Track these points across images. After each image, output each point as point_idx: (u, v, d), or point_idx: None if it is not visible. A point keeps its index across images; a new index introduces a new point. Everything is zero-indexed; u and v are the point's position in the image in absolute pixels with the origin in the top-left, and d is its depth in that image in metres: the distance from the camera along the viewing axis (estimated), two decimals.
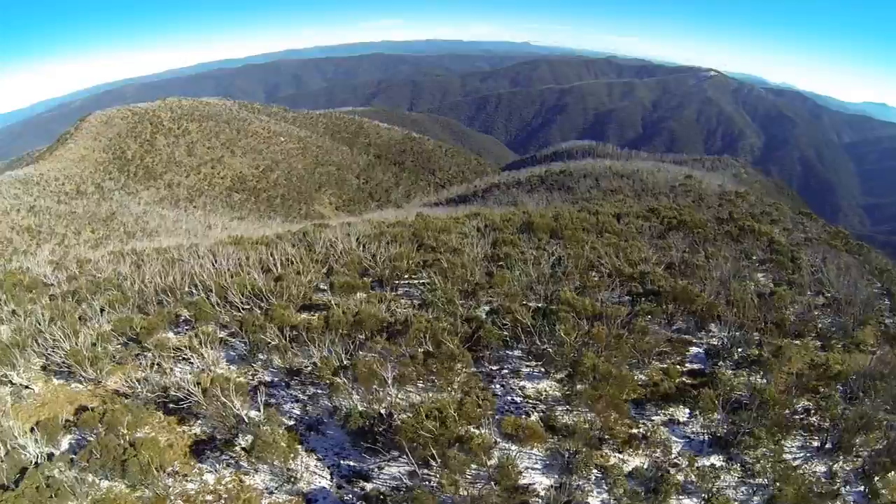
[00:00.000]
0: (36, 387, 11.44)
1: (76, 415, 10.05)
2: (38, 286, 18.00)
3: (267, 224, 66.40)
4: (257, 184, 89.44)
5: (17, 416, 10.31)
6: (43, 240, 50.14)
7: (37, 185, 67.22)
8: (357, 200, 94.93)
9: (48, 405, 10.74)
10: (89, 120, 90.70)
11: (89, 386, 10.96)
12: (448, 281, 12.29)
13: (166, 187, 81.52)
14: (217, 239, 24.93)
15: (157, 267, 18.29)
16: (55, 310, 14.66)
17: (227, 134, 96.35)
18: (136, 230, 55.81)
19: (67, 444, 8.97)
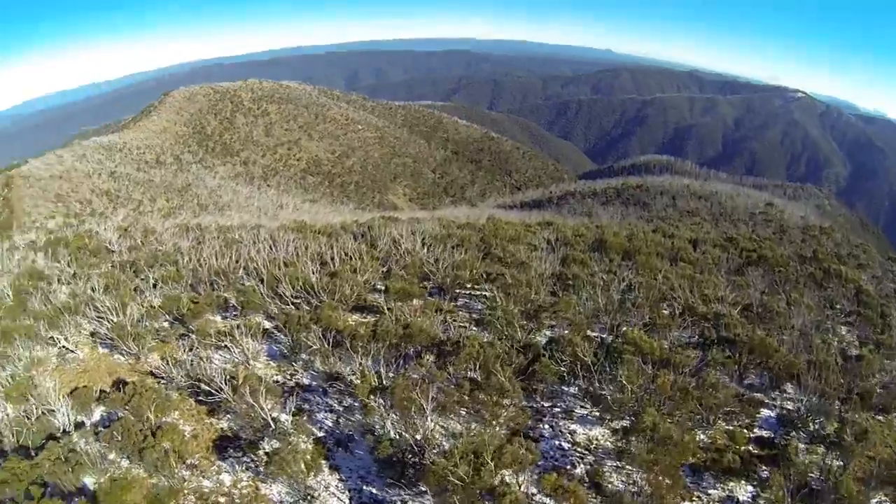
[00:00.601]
0: (81, 352, 12.64)
1: (113, 387, 11.01)
2: (102, 252, 20.02)
3: (338, 209, 71.06)
4: (332, 168, 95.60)
5: (58, 379, 11.50)
6: (120, 204, 55.93)
7: (119, 152, 75.17)
8: (431, 194, 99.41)
9: (89, 373, 11.82)
10: (173, 95, 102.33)
11: (130, 360, 11.93)
12: (511, 298, 12.25)
13: (242, 164, 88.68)
14: (281, 223, 26.35)
15: (216, 247, 19.68)
16: (111, 279, 16.19)
17: (305, 118, 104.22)
18: (208, 203, 61.04)
19: (99, 415, 9.80)
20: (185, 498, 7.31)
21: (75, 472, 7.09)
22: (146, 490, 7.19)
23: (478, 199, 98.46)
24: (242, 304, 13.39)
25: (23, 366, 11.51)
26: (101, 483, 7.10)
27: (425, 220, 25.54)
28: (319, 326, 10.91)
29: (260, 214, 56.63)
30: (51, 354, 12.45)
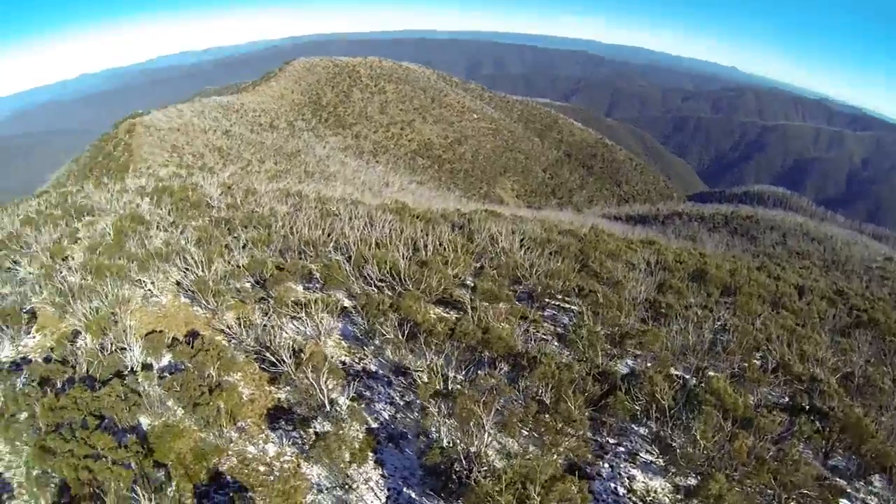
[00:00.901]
0: (164, 298, 13.61)
1: (186, 337, 11.73)
2: (202, 206, 21.49)
3: (444, 195, 73.54)
4: (443, 154, 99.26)
5: (137, 319, 12.42)
6: (230, 161, 60.54)
7: (236, 112, 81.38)
8: (539, 193, 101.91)
9: (167, 319, 12.68)
10: (293, 64, 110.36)
11: (207, 314, 12.66)
12: (598, 318, 11.92)
13: (353, 138, 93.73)
14: (382, 201, 27.04)
15: (312, 216, 20.52)
16: (204, 232, 17.34)
17: (421, 100, 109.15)
18: (315, 171, 64.95)
19: (167, 361, 10.46)
20: (227, 458, 7.58)
21: (132, 412, 7.55)
22: (194, 442, 7.51)
23: (584, 204, 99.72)
24: (325, 279, 13.80)
25: (108, 302, 12.54)
26: (155, 426, 7.50)
27: (528, 219, 25.43)
28: (398, 315, 10.97)
29: (364, 189, 59.35)
30: (136, 295, 13.51)
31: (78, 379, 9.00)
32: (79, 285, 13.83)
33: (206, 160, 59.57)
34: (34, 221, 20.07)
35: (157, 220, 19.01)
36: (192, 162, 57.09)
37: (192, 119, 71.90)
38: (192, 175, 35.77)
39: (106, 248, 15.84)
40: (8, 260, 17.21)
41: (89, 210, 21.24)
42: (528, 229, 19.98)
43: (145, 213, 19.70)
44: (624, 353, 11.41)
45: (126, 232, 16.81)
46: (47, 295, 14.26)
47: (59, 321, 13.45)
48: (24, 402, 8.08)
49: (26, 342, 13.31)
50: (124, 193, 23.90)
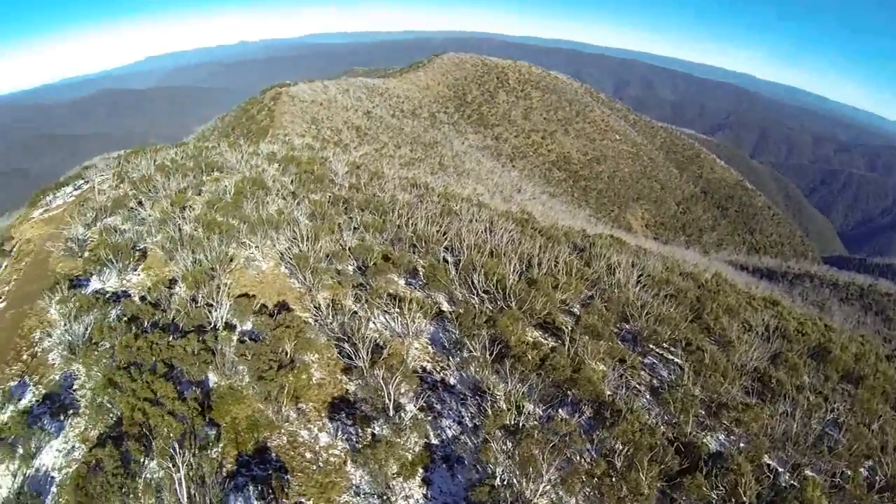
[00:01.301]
0: (265, 265, 14.59)
1: (275, 307, 12.48)
2: (325, 181, 22.72)
3: (573, 212, 73.69)
4: (580, 170, 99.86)
5: (233, 280, 13.40)
6: (366, 142, 63.83)
7: (380, 95, 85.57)
8: (668, 227, 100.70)
9: (262, 285, 13.56)
10: (443, 57, 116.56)
11: (302, 289, 13.38)
12: (699, 380, 11.27)
13: (493, 139, 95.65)
14: (506, 209, 27.14)
15: (432, 211, 21.04)
16: (319, 208, 18.37)
17: (565, 112, 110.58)
18: (450, 165, 66.98)
19: (250, 326, 11.21)
20: (279, 435, 7.94)
21: (201, 368, 8.12)
22: (252, 411, 7.93)
23: (712, 246, 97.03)
24: (429, 278, 14.08)
25: (210, 258, 13.63)
26: (221, 386, 8.01)
27: (651, 253, 24.52)
28: (492, 332, 10.93)
29: (495, 192, 60.24)
30: (240, 255, 14.58)
31: (162, 324, 9.81)
32: (189, 236, 15.22)
33: (342, 137, 63.15)
34: (167, 169, 22.30)
35: (279, 187, 20.31)
36: (328, 136, 60.69)
37: (336, 95, 76.43)
38: (325, 149, 38.09)
39: (223, 206, 17.28)
40: (135, 200, 19.31)
41: (219, 167, 23.21)
42: (649, 265, 19.26)
43: (268, 179, 21.16)
44: (717, 426, 10.59)
45: (245, 194, 18.16)
46: (160, 238, 15.83)
47: (164, 265, 14.85)
48: (109, 334, 8.93)
49: (131, 277, 14.85)
50: (255, 156, 25.86)
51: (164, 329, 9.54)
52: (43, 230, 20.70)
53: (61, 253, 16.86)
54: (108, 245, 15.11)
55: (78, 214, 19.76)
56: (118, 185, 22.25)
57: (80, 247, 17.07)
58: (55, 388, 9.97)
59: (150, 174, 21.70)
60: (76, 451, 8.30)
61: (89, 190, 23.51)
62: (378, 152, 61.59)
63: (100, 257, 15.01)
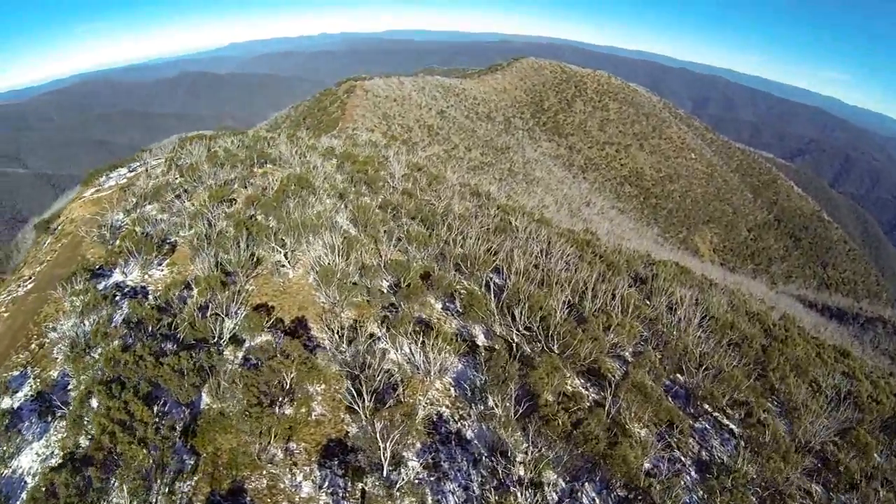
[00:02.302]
0: (293, 272, 14.04)
1: (291, 322, 11.91)
2: (378, 183, 22.15)
3: (640, 231, 73.01)
4: (652, 187, 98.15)
5: (257, 286, 12.94)
6: (436, 141, 63.71)
7: (455, 96, 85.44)
8: (737, 253, 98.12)
9: (285, 296, 13.00)
10: (522, 62, 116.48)
11: (326, 305, 12.74)
12: (756, 460, 10.11)
13: (567, 149, 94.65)
14: (569, 228, 25.95)
15: (487, 224, 20.18)
16: (363, 214, 17.75)
17: (641, 126, 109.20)
18: (520, 172, 66.43)
19: (259, 342, 10.62)
20: (258, 477, 7.27)
21: (188, 391, 7.55)
22: (238, 442, 7.33)
23: (781, 278, 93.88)
24: (466, 308, 13.15)
25: (235, 260, 13.19)
26: (211, 410, 7.43)
27: (717, 285, 23.08)
28: (522, 381, 10.02)
29: (563, 203, 59.11)
30: (268, 259, 14.09)
31: (164, 333, 9.34)
32: (219, 233, 14.88)
33: (413, 135, 63.12)
34: (217, 159, 22.26)
35: (327, 187, 19.86)
36: (398, 134, 60.71)
37: (411, 92, 76.63)
38: (390, 147, 37.78)
39: (263, 204, 16.91)
40: (178, 190, 19.23)
41: (272, 159, 23.03)
42: (714, 302, 17.86)
43: (319, 177, 20.76)
44: None
45: (289, 191, 17.73)
46: (191, 233, 15.57)
47: (190, 263, 14.55)
48: (104, 340, 8.50)
49: (154, 273, 14.58)
50: (311, 151, 25.58)
51: (165, 339, 9.04)
52: (88, 211, 20.95)
53: (94, 238, 16.90)
54: (135, 236, 14.95)
55: (120, 199, 19.94)
56: (167, 172, 22.35)
57: (112, 234, 17.07)
58: (50, 386, 9.71)
59: (199, 163, 21.70)
60: (54, 457, 7.96)
61: (140, 174, 23.79)
62: (447, 154, 61.31)
63: (125, 248, 14.89)
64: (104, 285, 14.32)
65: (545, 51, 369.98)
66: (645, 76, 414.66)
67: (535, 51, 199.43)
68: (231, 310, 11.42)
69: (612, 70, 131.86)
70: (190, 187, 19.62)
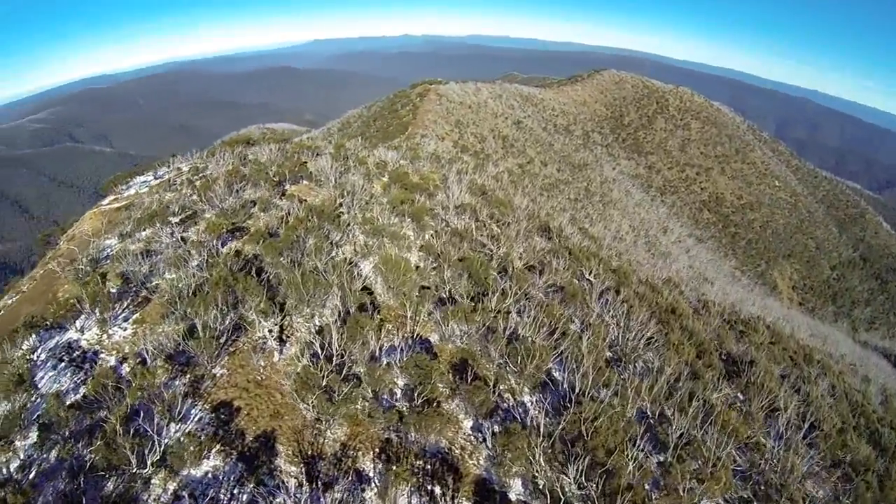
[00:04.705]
0: (280, 353, 10.68)
1: (255, 440, 8.54)
2: (425, 216, 18.31)
3: (718, 262, 68.56)
4: (731, 214, 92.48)
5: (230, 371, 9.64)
6: (511, 154, 60.32)
7: (534, 106, 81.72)
8: (817, 293, 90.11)
9: (259, 390, 9.67)
10: (603, 74, 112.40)
11: (309, 416, 9.30)
12: None
13: (646, 168, 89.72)
14: (653, 281, 21.70)
15: (554, 281, 16.27)
16: (392, 268, 13.94)
17: (724, 149, 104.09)
18: (596, 192, 62.50)
19: (202, 472, 7.43)
20: None
21: None
22: None
23: (863, 323, 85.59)
24: (504, 444, 9.29)
25: (199, 336, 9.92)
26: None
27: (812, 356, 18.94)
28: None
29: (639, 231, 54.87)
30: (251, 335, 10.82)
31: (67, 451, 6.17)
32: (194, 287, 11.66)
33: (486, 145, 59.69)
34: (240, 174, 19.28)
35: (361, 220, 16.46)
36: (470, 144, 57.45)
37: (488, 100, 73.28)
38: (453, 163, 34.38)
39: (268, 245, 13.54)
40: (180, 213, 16.22)
41: (307, 175, 19.98)
42: (820, 404, 13.92)
43: (356, 203, 17.47)
44: None
45: (300, 230, 14.39)
46: (169, 281, 12.46)
47: (158, 323, 11.43)
48: None
49: (115, 332, 11.48)
50: (360, 165, 22.30)
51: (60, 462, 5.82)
52: (94, 226, 18.32)
53: (68, 274, 14.05)
54: (96, 282, 11.95)
55: (118, 221, 17.12)
56: (182, 186, 19.40)
57: (93, 267, 14.19)
58: None
59: (216, 178, 18.69)
60: None
61: (161, 185, 20.94)
62: (521, 169, 57.62)
63: (92, 293, 11.91)
64: (53, 345, 11.37)
65: (626, 63, 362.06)
66: (728, 94, 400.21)
67: (616, 63, 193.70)
68: (181, 409, 8.29)
69: (694, 86, 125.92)
70: (199, 209, 16.64)
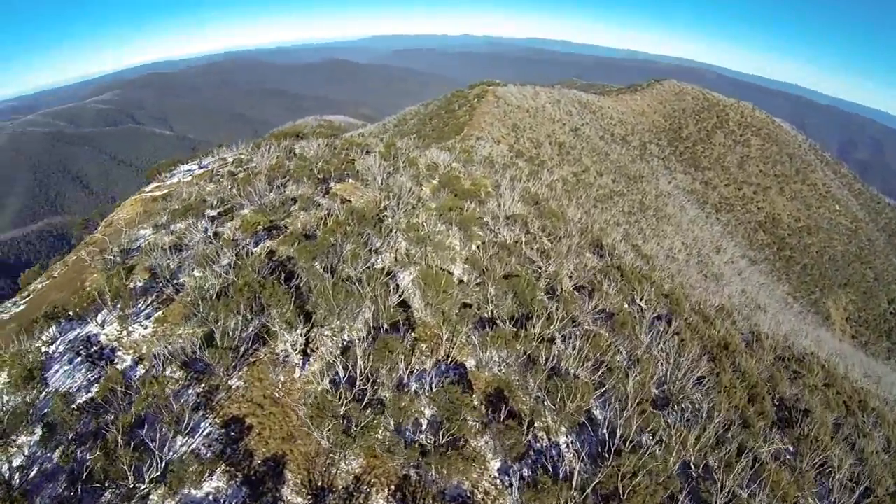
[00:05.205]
0: (301, 369, 9.97)
1: (262, 464, 7.75)
2: (472, 224, 17.33)
3: (771, 286, 65.17)
4: (788, 237, 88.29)
5: (248, 384, 8.83)
6: (566, 161, 58.96)
7: (592, 113, 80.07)
8: (872, 327, 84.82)
9: (276, 408, 8.96)
10: (664, 84, 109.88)
11: (324, 443, 8.48)
12: None
13: (702, 183, 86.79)
14: (705, 310, 20.20)
15: (603, 306, 15.03)
16: (432, 282, 13.06)
17: (784, 168, 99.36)
18: (650, 206, 60.63)
19: (202, 493, 6.61)
20: None
21: None
22: None
23: None
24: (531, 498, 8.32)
25: (227, 339, 9.17)
26: None
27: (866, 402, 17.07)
28: None
29: (692, 249, 53.00)
30: (280, 339, 9.98)
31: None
32: (219, 289, 10.92)
33: (541, 151, 58.40)
34: (285, 169, 18.63)
35: (404, 226, 15.55)
36: (525, 149, 56.29)
37: (546, 104, 71.95)
38: (507, 168, 33.24)
39: (302, 249, 12.72)
40: (218, 207, 15.60)
41: (356, 173, 19.22)
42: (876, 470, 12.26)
43: (402, 206, 16.66)
44: None
45: (338, 234, 13.57)
46: (194, 281, 11.75)
47: (179, 324, 10.74)
48: None
49: (136, 329, 10.84)
50: (410, 166, 21.44)
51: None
52: (132, 213, 17.91)
53: (97, 262, 13.55)
54: (119, 276, 11.35)
55: (154, 210, 16.58)
56: (223, 178, 18.82)
57: (123, 258, 13.66)
58: None
59: (260, 170, 18.07)
60: None
61: (204, 175, 20.43)
62: (576, 178, 56.11)
63: (115, 287, 11.34)
64: (72, 337, 10.84)
65: (687, 74, 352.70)
66: (790, 111, 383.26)
67: (677, 73, 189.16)
68: (190, 422, 7.63)
69: (755, 101, 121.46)
70: (237, 204, 16.00)
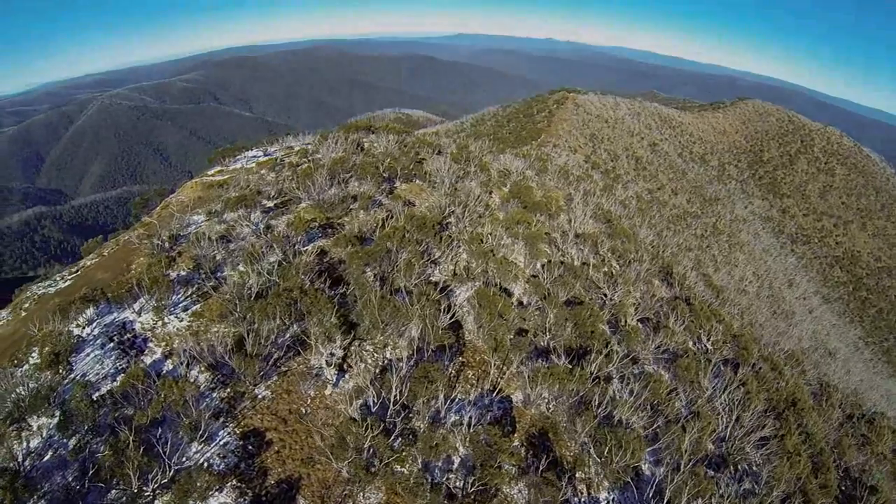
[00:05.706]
0: (333, 385, 9.17)
1: (280, 482, 6.95)
2: (540, 239, 16.24)
3: (843, 330, 62.06)
4: (866, 276, 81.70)
5: (275, 395, 8.07)
6: (642, 177, 57.06)
7: (671, 129, 78.09)
8: None
9: (300, 426, 8.22)
10: (748, 103, 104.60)
11: (344, 472, 7.67)
12: None
13: (779, 211, 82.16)
14: (775, 359, 18.41)
15: (667, 346, 13.69)
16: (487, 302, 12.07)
17: (869, 201, 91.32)
18: (724, 231, 58.23)
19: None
20: None
21: None
22: None
23: None
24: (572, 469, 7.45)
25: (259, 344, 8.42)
26: None
27: None
28: None
29: (762, 282, 50.74)
30: (314, 349, 9.19)
31: None
32: (260, 289, 10.22)
33: (618, 164, 56.77)
34: (348, 163, 17.93)
35: (465, 237, 14.66)
36: (602, 160, 54.82)
37: (625, 116, 69.96)
38: (581, 181, 32.03)
39: (353, 254, 11.92)
40: (274, 199, 14.98)
41: (422, 174, 18.43)
42: None
43: (468, 213, 15.82)
44: None
45: (395, 240, 12.77)
46: (234, 278, 11.12)
47: (214, 321, 10.10)
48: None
49: (171, 321, 10.32)
50: (481, 171, 20.45)
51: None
52: (189, 197, 17.58)
53: (146, 246, 13.14)
54: (159, 266, 10.82)
55: (211, 197, 16.11)
56: (288, 168, 18.25)
57: (171, 243, 13.22)
58: None
59: (323, 163, 17.39)
60: None
61: (267, 163, 19.92)
62: (651, 195, 54.25)
63: (154, 276, 10.85)
64: (109, 321, 10.41)
65: (772, 94, 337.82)
66: (880, 139, 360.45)
67: (762, 93, 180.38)
68: (208, 429, 7.06)
69: (843, 127, 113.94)
70: (296, 197, 15.38)
